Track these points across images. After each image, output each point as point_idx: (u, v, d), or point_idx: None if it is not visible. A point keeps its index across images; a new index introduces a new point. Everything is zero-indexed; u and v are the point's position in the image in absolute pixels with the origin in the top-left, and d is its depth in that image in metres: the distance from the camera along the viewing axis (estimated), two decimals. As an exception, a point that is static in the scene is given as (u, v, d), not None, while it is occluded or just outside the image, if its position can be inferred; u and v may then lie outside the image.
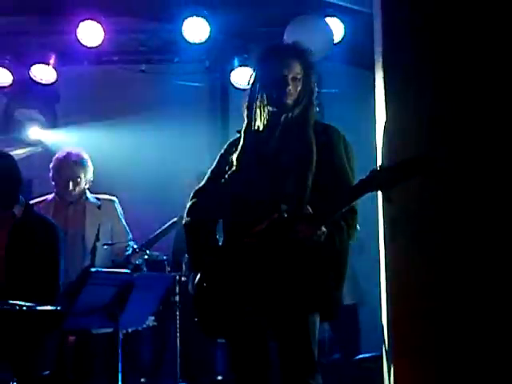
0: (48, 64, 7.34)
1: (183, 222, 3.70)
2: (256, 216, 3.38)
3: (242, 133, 3.61)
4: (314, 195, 3.36)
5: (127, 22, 7.42)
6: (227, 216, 3.57)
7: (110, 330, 4.82)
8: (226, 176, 3.57)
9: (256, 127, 3.58)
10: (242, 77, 7.40)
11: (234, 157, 3.57)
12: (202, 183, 3.73)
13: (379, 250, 4.08)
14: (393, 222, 3.76)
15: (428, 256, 3.68)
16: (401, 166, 3.10)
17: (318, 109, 3.60)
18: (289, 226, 3.26)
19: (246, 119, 3.61)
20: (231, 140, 3.71)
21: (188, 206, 3.72)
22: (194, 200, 3.71)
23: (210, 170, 3.71)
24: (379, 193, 3.27)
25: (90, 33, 7.02)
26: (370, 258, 5.03)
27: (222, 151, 3.71)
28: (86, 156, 5.56)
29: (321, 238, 3.26)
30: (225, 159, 3.64)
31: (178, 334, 5.69)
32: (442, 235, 3.68)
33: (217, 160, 3.70)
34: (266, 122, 3.56)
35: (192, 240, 3.64)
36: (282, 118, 3.54)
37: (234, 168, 3.55)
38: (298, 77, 3.53)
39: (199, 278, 3.57)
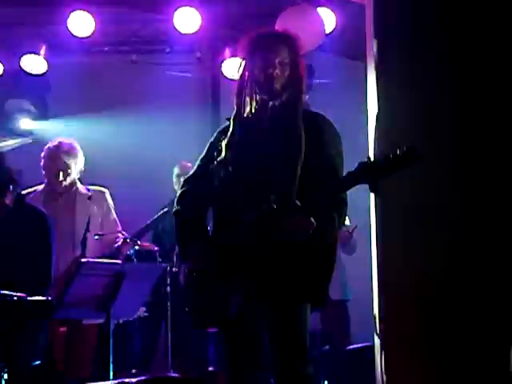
0: (39, 54, 7.31)
1: (173, 210, 3.70)
2: (245, 203, 3.38)
3: (232, 120, 3.60)
4: (304, 183, 3.36)
5: (118, 13, 7.38)
6: (216, 204, 3.57)
7: (100, 320, 4.83)
8: (215, 163, 3.56)
9: (245, 115, 3.57)
10: (233, 67, 7.39)
11: (223, 144, 3.55)
12: (192, 171, 3.73)
13: (370, 242, 4.09)
14: (385, 217, 3.77)
15: (420, 249, 3.69)
16: (390, 158, 3.09)
17: (307, 97, 3.59)
18: (277, 222, 3.26)
19: (235, 107, 3.60)
20: (221, 127, 3.70)
21: (178, 194, 3.71)
22: (183, 188, 3.70)
23: (200, 158, 3.70)
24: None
25: (81, 23, 6.99)
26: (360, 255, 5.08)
27: (212, 139, 3.70)
28: (76, 146, 5.54)
29: (309, 233, 3.27)
30: (214, 147, 3.63)
31: (169, 325, 5.69)
32: (434, 228, 3.69)
33: (206, 147, 3.69)
34: (255, 110, 3.56)
35: (181, 229, 3.64)
36: (270, 104, 3.53)
37: (223, 155, 3.54)
38: (286, 61, 3.50)
39: (189, 268, 3.56)
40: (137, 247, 5.51)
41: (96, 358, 5.31)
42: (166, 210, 5.63)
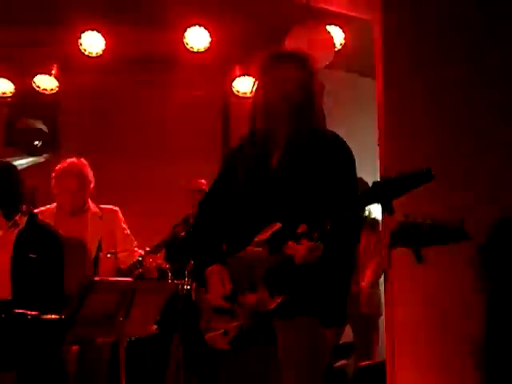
0: (50, 74, 7.38)
1: (189, 230, 3.72)
2: (257, 226, 3.39)
3: (246, 142, 3.60)
4: (318, 205, 3.36)
5: (129, 32, 7.44)
6: (231, 226, 3.57)
7: (113, 338, 4.83)
8: (230, 186, 3.57)
9: (259, 136, 3.58)
10: (243, 85, 7.45)
11: (238, 167, 3.56)
12: (207, 192, 3.74)
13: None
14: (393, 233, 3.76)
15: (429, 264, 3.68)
16: (403, 178, 3.08)
17: (321, 116, 3.59)
18: (286, 246, 3.28)
19: (249, 128, 3.61)
20: (235, 147, 3.69)
21: (194, 218, 3.72)
22: (199, 212, 3.72)
23: (214, 180, 3.71)
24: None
25: (92, 42, 7.08)
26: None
27: (226, 158, 3.71)
28: (87, 166, 5.56)
29: (316, 258, 3.26)
30: (228, 167, 3.64)
31: (181, 343, 5.69)
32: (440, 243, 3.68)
33: (221, 168, 3.70)
34: (268, 131, 3.56)
35: (197, 250, 3.65)
36: (285, 125, 3.53)
37: (236, 177, 3.55)
38: (300, 82, 3.51)
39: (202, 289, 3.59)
40: (152, 264, 5.49)
41: (108, 376, 5.31)
42: (179, 226, 5.63)
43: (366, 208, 3.39)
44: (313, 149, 3.45)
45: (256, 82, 3.65)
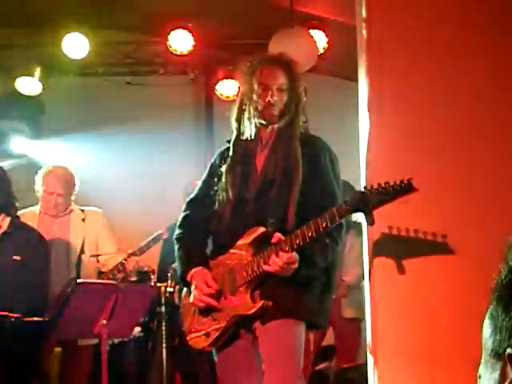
0: (33, 76, 7.38)
1: (175, 234, 3.72)
2: (242, 228, 3.42)
3: (232, 145, 3.63)
4: (302, 207, 3.39)
5: (112, 35, 7.46)
6: (216, 227, 3.60)
7: (95, 340, 4.83)
8: (216, 188, 3.59)
9: (245, 139, 3.60)
10: (226, 89, 7.47)
11: (224, 168, 3.58)
12: (193, 194, 3.75)
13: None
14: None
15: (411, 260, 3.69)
16: (385, 189, 3.10)
17: (304, 119, 3.63)
18: (267, 252, 3.30)
19: (234, 131, 3.63)
20: (221, 150, 3.72)
21: (180, 218, 3.74)
22: (185, 212, 3.73)
23: (201, 181, 3.73)
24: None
25: (75, 45, 7.09)
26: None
27: (212, 161, 3.73)
28: (70, 169, 5.56)
29: (291, 267, 3.28)
30: (215, 170, 3.66)
31: (164, 345, 5.70)
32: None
33: (207, 171, 3.72)
34: (254, 134, 3.58)
35: (182, 253, 3.65)
36: (269, 129, 3.57)
37: (222, 180, 3.57)
38: (283, 87, 3.54)
39: (187, 290, 3.60)
40: (137, 266, 5.49)
41: (91, 379, 5.31)
42: (160, 232, 5.64)
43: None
44: (296, 151, 3.48)
45: (241, 86, 3.69)
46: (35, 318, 4.19)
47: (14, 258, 4.50)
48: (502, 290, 1.27)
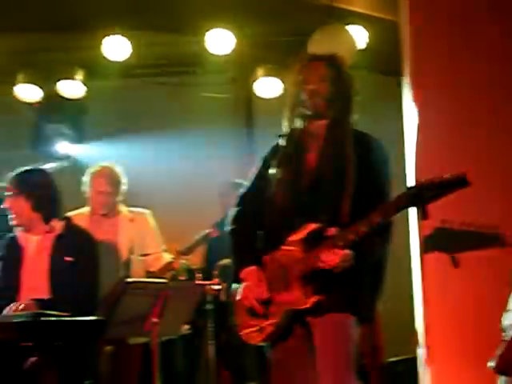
0: (75, 79, 7.47)
1: (227, 228, 3.77)
2: (295, 223, 3.45)
3: (283, 140, 3.66)
4: (354, 203, 3.41)
5: (152, 36, 7.52)
6: (268, 222, 3.63)
7: (145, 339, 4.89)
8: (267, 182, 3.63)
9: (296, 134, 3.64)
10: (266, 87, 7.48)
11: (275, 163, 3.62)
12: (245, 189, 3.79)
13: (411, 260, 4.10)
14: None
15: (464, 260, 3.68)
16: (439, 183, 3.12)
17: (355, 117, 3.64)
18: (319, 248, 3.33)
19: (285, 126, 3.67)
20: (273, 145, 3.75)
21: (232, 213, 3.77)
22: (238, 207, 3.77)
23: (253, 175, 3.77)
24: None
25: (116, 47, 7.16)
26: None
27: (264, 156, 3.76)
28: (117, 169, 5.62)
29: (346, 264, 3.32)
30: (266, 164, 3.69)
31: (212, 342, 5.74)
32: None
33: (259, 165, 3.75)
34: (304, 129, 3.62)
35: (235, 250, 3.71)
36: (319, 123, 3.60)
37: (274, 175, 3.61)
38: (327, 78, 3.57)
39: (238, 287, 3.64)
40: (184, 265, 5.55)
41: (141, 376, 5.37)
42: (207, 231, 5.69)
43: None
44: (349, 148, 3.50)
45: (286, 83, 3.73)
46: (89, 318, 4.25)
47: (67, 259, 4.57)
48: None
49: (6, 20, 7.02)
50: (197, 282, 5.54)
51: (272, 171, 3.62)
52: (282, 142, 3.66)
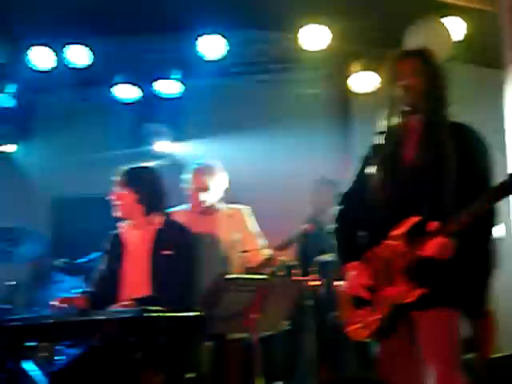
0: (173, 79, 7.58)
1: (330, 227, 3.81)
2: (397, 218, 3.44)
3: (382, 137, 3.66)
4: (455, 196, 3.38)
5: (246, 34, 7.57)
6: (370, 220, 3.64)
7: (245, 334, 4.93)
8: (369, 180, 3.63)
9: (393, 130, 3.64)
10: (361, 82, 7.43)
11: (375, 160, 3.64)
12: (348, 188, 3.82)
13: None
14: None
15: None
16: None
17: (454, 108, 3.62)
18: (422, 239, 3.31)
19: (382, 123, 3.67)
20: (372, 143, 3.76)
21: (336, 211, 3.81)
22: (342, 206, 3.81)
23: (354, 175, 3.79)
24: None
25: (212, 46, 7.23)
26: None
27: (364, 155, 3.78)
28: (218, 166, 5.69)
29: (449, 253, 3.31)
30: (367, 162, 3.72)
31: (311, 338, 5.75)
32: None
33: (360, 164, 3.77)
34: (401, 124, 3.62)
35: (339, 247, 3.77)
36: (416, 117, 3.59)
37: (375, 172, 3.61)
38: (420, 73, 3.58)
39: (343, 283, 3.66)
40: (283, 261, 5.57)
41: (241, 372, 5.41)
42: (306, 226, 5.70)
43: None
44: (447, 140, 3.48)
45: (382, 79, 3.73)
46: (190, 314, 4.32)
47: (167, 253, 4.68)
48: None
49: (106, 23, 7.17)
50: (295, 277, 5.55)
51: (372, 169, 3.63)
52: (380, 139, 3.66)
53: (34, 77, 7.65)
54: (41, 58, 7.45)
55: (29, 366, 4.47)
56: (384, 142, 3.65)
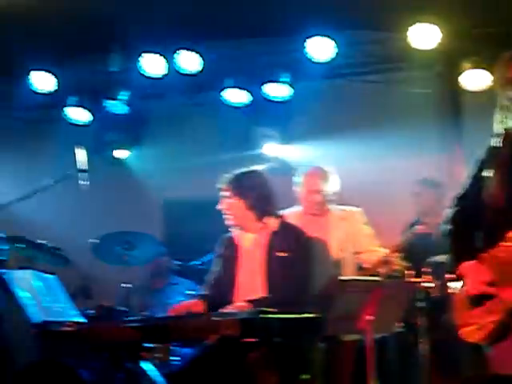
0: (281, 82, 7.62)
1: (443, 229, 3.76)
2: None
3: (498, 140, 3.60)
4: None
5: (354, 35, 7.54)
6: (486, 222, 3.58)
7: (358, 336, 4.91)
8: (484, 183, 3.58)
9: (510, 131, 3.56)
10: (472, 80, 7.31)
11: (492, 165, 3.56)
12: (462, 190, 3.77)
13: None
14: None
15: None
16: None
17: None
18: None
19: (498, 124, 3.60)
20: (488, 146, 3.67)
21: (449, 214, 3.76)
22: (455, 208, 3.76)
23: (468, 175, 3.74)
24: None
25: (320, 48, 7.24)
26: None
27: (480, 158, 3.71)
28: (328, 169, 5.71)
29: None
30: (483, 165, 3.64)
31: (425, 340, 5.69)
32: None
33: (476, 166, 3.71)
34: None
35: (452, 249, 3.71)
36: None
37: (491, 176, 3.55)
38: None
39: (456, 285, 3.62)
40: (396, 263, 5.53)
41: (355, 375, 5.40)
42: (417, 228, 5.66)
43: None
44: None
45: (495, 79, 3.67)
46: (306, 315, 4.34)
47: (282, 255, 4.71)
48: None
49: (215, 29, 7.27)
50: (409, 279, 5.50)
51: (488, 172, 3.56)
52: (496, 142, 3.60)
53: (146, 83, 7.82)
54: (152, 65, 7.62)
55: (147, 367, 4.57)
56: (501, 145, 3.58)
